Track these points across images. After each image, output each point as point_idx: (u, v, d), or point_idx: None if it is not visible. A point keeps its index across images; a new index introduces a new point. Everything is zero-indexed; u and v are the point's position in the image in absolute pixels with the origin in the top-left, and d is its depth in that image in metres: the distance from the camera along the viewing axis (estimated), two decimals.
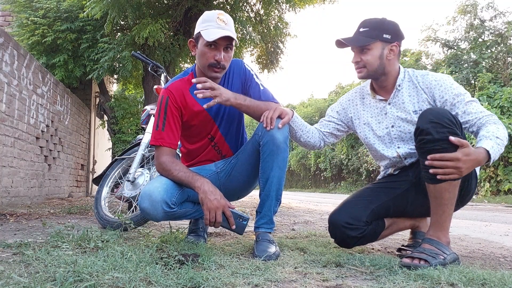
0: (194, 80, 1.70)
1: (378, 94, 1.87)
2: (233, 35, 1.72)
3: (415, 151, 1.74)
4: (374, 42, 1.74)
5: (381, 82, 1.83)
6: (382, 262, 1.49)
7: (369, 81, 1.92)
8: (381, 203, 1.79)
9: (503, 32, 15.01)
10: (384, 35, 1.74)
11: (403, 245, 1.94)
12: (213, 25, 1.71)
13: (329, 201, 9.51)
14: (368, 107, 1.91)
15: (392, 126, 1.82)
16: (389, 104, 1.83)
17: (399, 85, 1.80)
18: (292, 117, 1.79)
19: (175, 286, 1.14)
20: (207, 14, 1.77)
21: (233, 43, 1.75)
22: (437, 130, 1.47)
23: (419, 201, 1.76)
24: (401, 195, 1.80)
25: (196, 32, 1.78)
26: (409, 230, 1.99)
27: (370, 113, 1.90)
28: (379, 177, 2.01)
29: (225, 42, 1.72)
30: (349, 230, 1.73)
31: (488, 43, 15.24)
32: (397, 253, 1.91)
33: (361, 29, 1.76)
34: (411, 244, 1.92)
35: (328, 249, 1.84)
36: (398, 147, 1.81)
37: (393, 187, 1.83)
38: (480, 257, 1.97)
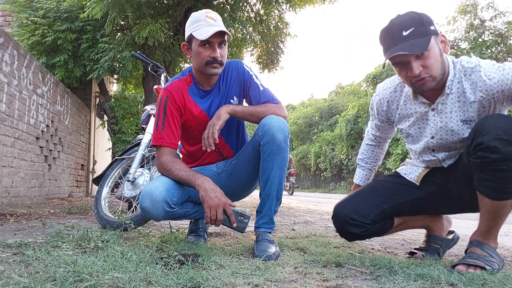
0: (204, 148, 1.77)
1: (422, 95, 1.58)
2: (225, 29, 1.72)
3: (453, 152, 1.60)
4: (430, 40, 1.41)
5: None
6: (382, 262, 1.48)
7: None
8: (396, 204, 1.66)
9: (503, 32, 15.02)
10: (431, 27, 1.42)
11: (415, 248, 1.86)
12: (203, 24, 1.71)
13: (329, 201, 9.51)
14: (406, 109, 1.65)
15: (432, 137, 1.59)
16: (433, 110, 1.56)
17: (448, 87, 1.50)
18: None
19: (175, 286, 1.14)
20: (194, 15, 1.77)
21: (226, 38, 1.75)
22: (507, 149, 1.28)
23: (442, 205, 1.67)
24: (423, 198, 1.66)
25: (187, 34, 1.78)
26: (424, 232, 1.88)
27: (408, 116, 1.65)
28: (405, 170, 1.76)
29: (218, 39, 1.72)
30: (351, 226, 1.63)
31: (488, 43, 15.25)
32: (407, 255, 1.82)
33: (405, 32, 1.41)
34: (423, 247, 1.81)
35: (328, 249, 1.84)
36: (433, 151, 1.63)
37: (416, 188, 1.68)
38: None
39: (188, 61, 7.69)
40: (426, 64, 1.42)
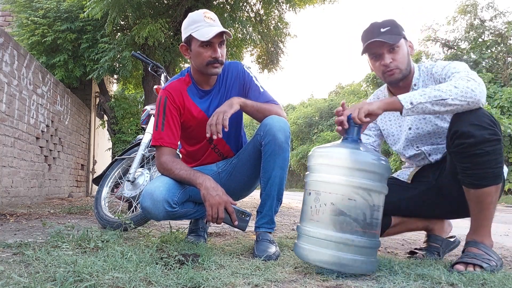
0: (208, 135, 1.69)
1: (395, 94, 1.73)
2: (225, 30, 1.72)
3: (436, 146, 1.69)
4: (401, 39, 1.64)
5: (402, 83, 1.72)
6: (382, 262, 1.49)
7: (384, 86, 1.86)
8: (391, 201, 1.68)
9: (503, 32, 15.03)
10: (403, 32, 1.67)
11: (415, 248, 1.88)
12: (203, 24, 1.71)
13: None
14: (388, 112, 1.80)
15: (410, 129, 1.74)
16: None
17: (414, 85, 1.71)
18: None
19: (175, 286, 1.14)
20: (192, 16, 1.76)
21: (224, 37, 1.75)
22: (480, 133, 1.36)
23: (437, 204, 1.70)
24: (417, 196, 1.73)
25: (185, 35, 1.77)
26: (424, 233, 1.90)
27: (388, 117, 1.83)
28: (399, 173, 1.88)
29: (219, 39, 1.73)
30: None
31: (488, 43, 15.26)
32: (408, 255, 1.84)
33: (382, 29, 1.64)
34: (424, 247, 1.84)
35: None
36: (417, 147, 1.74)
37: (410, 186, 1.75)
38: None
39: (188, 61, 7.69)
40: (396, 57, 1.65)
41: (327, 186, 1.35)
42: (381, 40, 1.61)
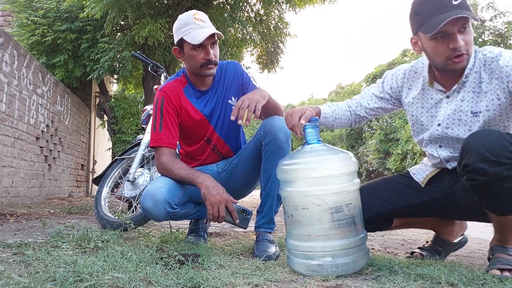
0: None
1: (438, 82, 1.50)
2: (216, 30, 1.71)
3: (457, 154, 1.47)
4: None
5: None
6: (382, 262, 1.48)
7: (426, 63, 1.53)
8: (396, 207, 1.61)
9: (503, 32, 15.04)
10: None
11: (418, 247, 1.83)
12: (193, 27, 1.71)
13: None
14: (422, 95, 1.55)
15: (439, 125, 1.50)
16: (448, 97, 1.48)
17: (465, 76, 1.41)
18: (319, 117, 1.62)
19: (175, 286, 1.14)
20: (182, 18, 1.75)
21: (216, 37, 1.75)
22: (496, 170, 1.19)
23: (446, 211, 1.62)
24: (426, 203, 1.60)
25: (177, 39, 1.77)
26: (425, 232, 1.84)
27: (422, 102, 1.56)
28: (416, 170, 1.68)
29: (211, 40, 1.73)
30: None
31: (488, 43, 15.26)
32: (408, 255, 1.80)
33: (455, 2, 1.31)
34: (426, 247, 1.79)
35: None
36: (440, 146, 1.54)
37: (422, 191, 1.61)
38: (480, 257, 1.97)
39: None
40: (467, 39, 1.33)
41: (288, 199, 1.39)
42: (463, 16, 1.28)
